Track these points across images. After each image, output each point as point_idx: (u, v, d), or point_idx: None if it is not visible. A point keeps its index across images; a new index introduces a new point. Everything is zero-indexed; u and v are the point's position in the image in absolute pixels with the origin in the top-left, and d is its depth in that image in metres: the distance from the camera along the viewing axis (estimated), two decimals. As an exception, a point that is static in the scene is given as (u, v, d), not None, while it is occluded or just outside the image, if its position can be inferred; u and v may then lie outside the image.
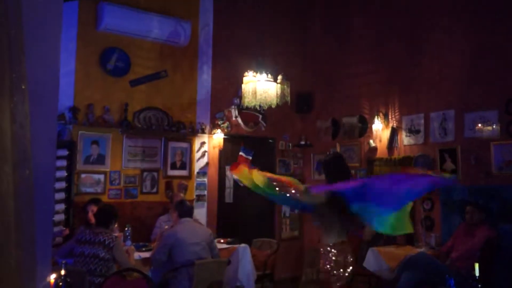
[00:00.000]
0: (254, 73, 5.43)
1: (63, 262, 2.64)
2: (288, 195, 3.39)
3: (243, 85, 5.47)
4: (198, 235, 4.78)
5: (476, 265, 2.92)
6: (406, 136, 6.67)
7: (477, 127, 5.87)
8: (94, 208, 5.17)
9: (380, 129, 6.94)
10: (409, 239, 6.20)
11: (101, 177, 6.13)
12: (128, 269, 3.79)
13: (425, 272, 5.20)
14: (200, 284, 4.52)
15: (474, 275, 2.91)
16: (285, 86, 5.46)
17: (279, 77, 5.48)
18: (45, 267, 1.70)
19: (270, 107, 5.74)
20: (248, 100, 5.36)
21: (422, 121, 6.47)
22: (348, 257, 3.57)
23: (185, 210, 4.91)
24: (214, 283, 4.69)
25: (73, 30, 6.07)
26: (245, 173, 3.58)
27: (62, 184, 5.66)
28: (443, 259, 5.42)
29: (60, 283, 2.52)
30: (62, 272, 2.54)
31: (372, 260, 5.81)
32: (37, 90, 1.77)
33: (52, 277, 2.33)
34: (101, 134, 6.14)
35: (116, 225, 4.80)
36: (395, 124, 6.83)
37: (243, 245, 5.70)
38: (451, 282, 2.91)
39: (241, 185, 3.76)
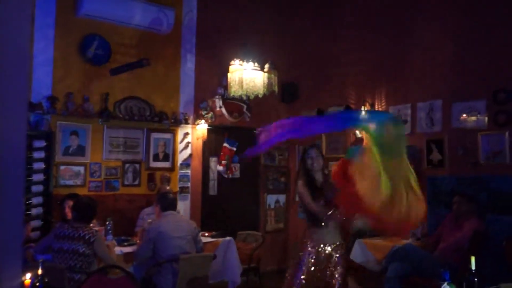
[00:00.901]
0: (241, 62, 5.27)
1: (41, 260, 2.48)
2: None
3: (229, 74, 5.33)
4: (183, 228, 4.65)
5: (473, 258, 2.84)
6: (393, 126, 6.57)
7: (464, 117, 5.83)
8: (71, 204, 4.97)
9: (366, 119, 6.82)
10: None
11: (81, 169, 5.96)
12: (110, 266, 3.63)
13: (412, 264, 5.17)
14: (185, 279, 4.39)
15: (471, 268, 2.83)
16: (272, 75, 5.34)
17: (266, 66, 5.36)
18: (14, 266, 1.54)
19: (255, 97, 5.61)
20: (235, 89, 5.22)
21: (409, 111, 6.42)
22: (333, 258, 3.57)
23: (168, 203, 4.78)
24: (199, 278, 4.56)
25: (51, 16, 5.87)
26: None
27: (40, 177, 5.47)
28: (430, 250, 5.38)
29: (37, 283, 2.35)
30: (39, 271, 2.36)
31: (359, 252, 5.78)
32: (5, 78, 1.60)
33: (28, 276, 2.16)
34: (80, 124, 5.97)
35: (94, 220, 4.62)
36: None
37: (228, 238, 5.61)
38: (446, 275, 2.82)
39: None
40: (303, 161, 3.95)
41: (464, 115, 5.83)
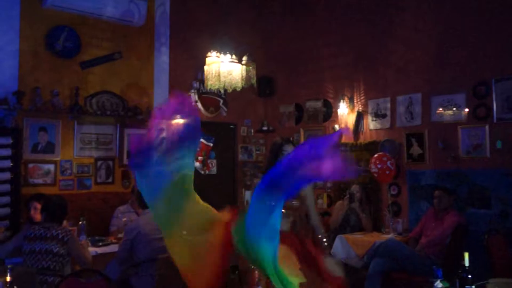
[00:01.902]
0: (218, 54, 5.11)
1: (9, 266, 2.29)
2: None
3: (205, 67, 5.16)
4: None
5: (466, 254, 2.78)
6: (372, 120, 6.59)
7: (444, 111, 5.81)
8: (37, 205, 4.77)
9: (345, 113, 6.83)
10: (376, 226, 6.14)
11: (51, 167, 5.73)
12: (84, 270, 3.46)
13: (394, 259, 5.16)
14: (164, 281, 4.21)
15: (464, 265, 2.76)
16: (251, 68, 5.19)
17: (244, 58, 5.21)
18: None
19: (231, 91, 5.46)
20: (211, 82, 5.05)
21: (389, 105, 6.40)
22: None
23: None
24: (177, 279, 4.39)
25: (16, 7, 5.61)
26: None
27: (7, 175, 5.23)
28: (412, 245, 5.36)
29: (6, 292, 2.16)
30: (8, 278, 2.17)
31: (340, 247, 5.73)
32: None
33: (-5, 286, 1.97)
34: (49, 120, 5.73)
35: (65, 221, 4.41)
36: (360, 108, 6.74)
37: None
38: (438, 272, 2.76)
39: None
40: (273, 157, 3.58)
41: (443, 108, 5.81)
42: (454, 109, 5.73)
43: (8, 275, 2.20)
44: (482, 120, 5.48)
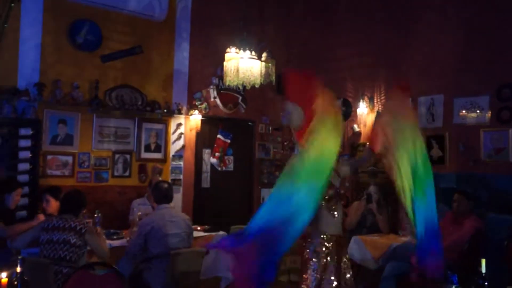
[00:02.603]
0: (237, 50, 5.09)
1: (20, 257, 2.29)
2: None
3: (225, 63, 5.14)
4: (178, 225, 4.44)
5: (483, 261, 2.70)
6: (392, 121, 6.44)
7: (467, 113, 5.70)
8: (49, 198, 4.81)
9: (365, 113, 6.78)
10: (393, 228, 6.03)
11: (69, 159, 5.80)
12: (96, 263, 3.47)
13: (411, 262, 5.03)
14: (176, 276, 4.22)
15: (480, 271, 2.68)
16: (270, 65, 5.16)
17: (264, 55, 5.17)
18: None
19: (250, 88, 5.43)
20: (230, 78, 5.02)
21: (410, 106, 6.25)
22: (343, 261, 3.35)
23: (163, 195, 4.56)
24: (190, 274, 4.39)
25: (39, 0, 5.65)
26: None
27: (26, 166, 5.33)
28: None
29: (15, 282, 2.16)
30: (18, 269, 2.18)
31: (355, 249, 5.62)
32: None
33: (4, 275, 1.97)
34: (69, 112, 5.81)
35: (84, 211, 4.45)
36: (380, 108, 6.63)
37: (221, 232, 5.44)
38: (454, 278, 2.68)
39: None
40: None
41: (466, 111, 5.70)
42: (477, 111, 5.60)
43: (19, 265, 2.20)
44: (505, 123, 5.35)
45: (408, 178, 2.79)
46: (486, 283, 2.66)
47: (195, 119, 6.87)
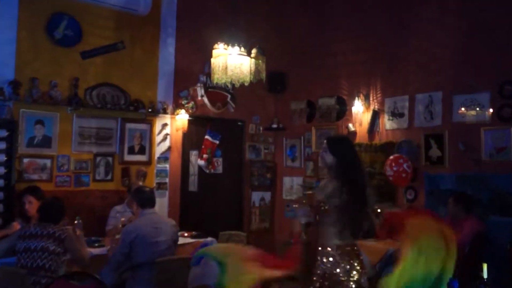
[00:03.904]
0: (225, 46, 5.05)
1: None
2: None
3: (212, 59, 5.09)
4: (164, 231, 4.43)
5: (485, 266, 2.69)
6: (389, 119, 6.51)
7: (466, 111, 5.72)
8: (31, 199, 4.79)
9: (360, 111, 6.77)
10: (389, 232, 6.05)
11: (47, 162, 5.73)
12: (77, 273, 3.43)
13: None
14: (162, 286, 4.17)
15: (482, 276, 2.68)
16: (260, 61, 5.11)
17: (254, 51, 5.13)
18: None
19: (239, 86, 5.40)
20: (218, 76, 4.98)
21: (407, 104, 6.32)
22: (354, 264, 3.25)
23: (146, 199, 4.54)
24: (177, 283, 4.36)
25: (14, -8, 5.60)
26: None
27: (1, 170, 5.23)
28: None
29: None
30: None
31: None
32: None
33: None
34: (47, 112, 5.74)
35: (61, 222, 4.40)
36: (376, 107, 6.66)
37: (209, 239, 5.50)
38: (454, 284, 2.67)
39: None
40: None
41: (466, 108, 5.71)
42: (478, 109, 5.62)
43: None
44: (507, 121, 5.37)
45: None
46: (488, 289, 2.65)
47: (182, 119, 6.83)
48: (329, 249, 3.22)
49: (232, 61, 4.98)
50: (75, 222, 4.82)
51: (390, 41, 6.57)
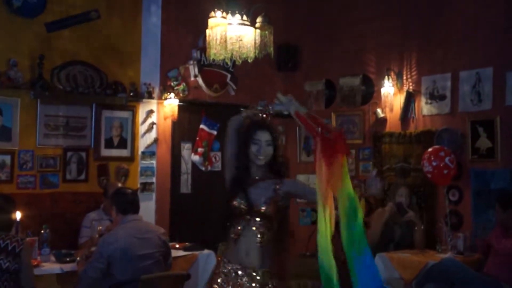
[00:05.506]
0: (224, 14, 5.04)
1: None
2: None
3: (207, 31, 5.09)
4: (150, 242, 4.46)
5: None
6: (427, 103, 6.53)
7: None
8: None
9: (391, 93, 6.78)
10: (429, 242, 6.06)
11: (6, 158, 5.78)
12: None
13: (453, 285, 5.08)
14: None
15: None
16: (267, 32, 5.09)
17: (259, 20, 5.12)
18: None
19: (241, 63, 5.41)
20: (215, 51, 4.97)
21: (449, 83, 6.33)
22: None
23: (128, 203, 4.57)
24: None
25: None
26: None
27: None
28: (476, 267, 5.33)
29: None
30: None
31: (381, 270, 5.65)
32: None
33: None
34: (5, 98, 5.78)
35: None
36: (411, 87, 6.67)
37: (206, 251, 5.53)
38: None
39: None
40: (241, 150, 3.40)
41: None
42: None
43: None
44: None
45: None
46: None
47: (171, 104, 6.84)
48: None
49: (232, 32, 4.98)
50: (42, 232, 4.89)
51: (426, 5, 6.59)
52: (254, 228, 3.25)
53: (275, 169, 3.38)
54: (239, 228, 3.29)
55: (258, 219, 3.24)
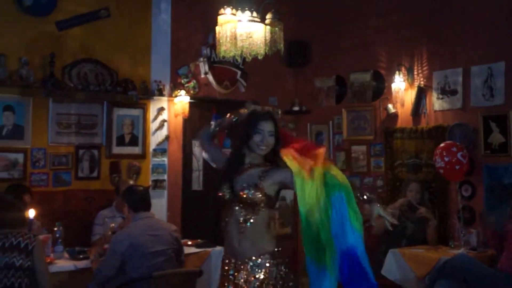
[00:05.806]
0: (233, 11, 5.04)
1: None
2: None
3: (217, 28, 5.09)
4: (162, 239, 4.48)
5: None
6: (438, 98, 6.50)
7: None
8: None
9: (402, 89, 6.77)
10: (442, 238, 6.05)
11: (19, 156, 5.82)
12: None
13: (467, 282, 5.07)
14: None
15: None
16: (277, 29, 5.09)
17: (268, 16, 5.12)
18: None
19: (252, 60, 5.41)
20: (225, 48, 4.97)
21: (460, 78, 6.30)
22: None
23: (140, 200, 4.60)
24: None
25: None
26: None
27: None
28: (489, 263, 5.31)
29: None
30: None
31: (394, 266, 5.74)
32: None
33: None
34: (17, 97, 5.81)
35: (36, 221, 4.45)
36: (422, 83, 6.66)
37: (218, 248, 5.50)
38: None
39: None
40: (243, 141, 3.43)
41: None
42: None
43: None
44: None
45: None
46: None
47: (182, 101, 6.86)
48: None
49: (242, 29, 4.98)
50: (55, 229, 4.92)
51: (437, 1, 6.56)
52: (236, 214, 3.27)
53: (269, 158, 3.37)
54: (226, 219, 3.34)
55: (241, 205, 3.25)
